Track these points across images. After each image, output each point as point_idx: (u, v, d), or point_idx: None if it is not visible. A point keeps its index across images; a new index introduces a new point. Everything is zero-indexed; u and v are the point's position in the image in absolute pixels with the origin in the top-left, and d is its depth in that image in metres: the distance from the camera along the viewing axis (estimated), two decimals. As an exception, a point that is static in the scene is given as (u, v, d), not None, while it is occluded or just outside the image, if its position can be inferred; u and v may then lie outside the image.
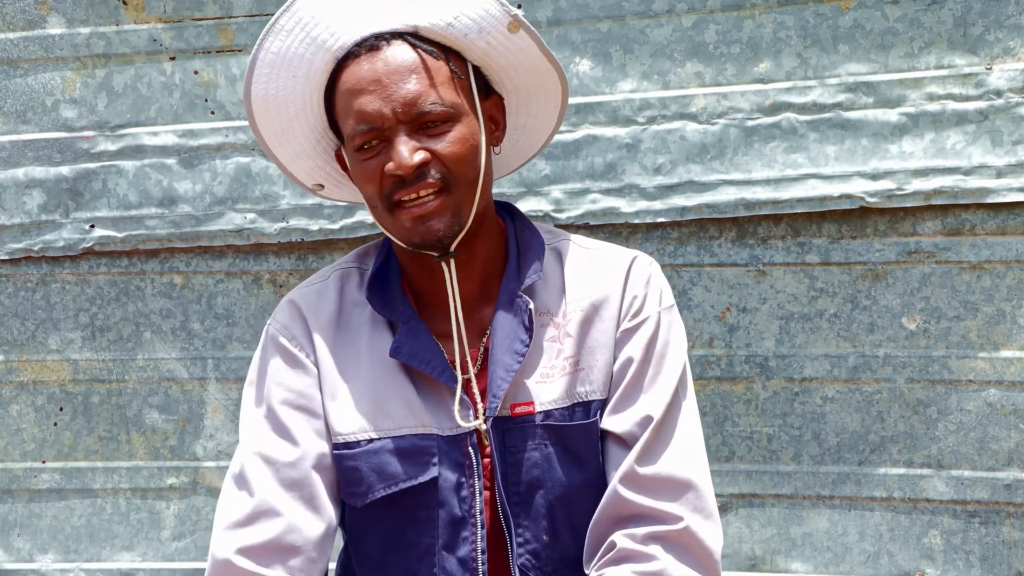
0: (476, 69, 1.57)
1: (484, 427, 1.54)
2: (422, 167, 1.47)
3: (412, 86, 1.46)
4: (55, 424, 2.51)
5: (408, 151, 1.45)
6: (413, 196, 1.48)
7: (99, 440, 2.50)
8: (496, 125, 1.61)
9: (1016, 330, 2.19)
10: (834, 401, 2.27)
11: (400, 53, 1.48)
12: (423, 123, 1.47)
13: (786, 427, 2.29)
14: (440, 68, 1.49)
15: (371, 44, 1.49)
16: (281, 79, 1.54)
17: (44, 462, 2.51)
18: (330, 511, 1.55)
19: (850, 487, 2.27)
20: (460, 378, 1.54)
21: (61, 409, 2.50)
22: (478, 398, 1.56)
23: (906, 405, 2.25)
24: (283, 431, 1.56)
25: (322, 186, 1.72)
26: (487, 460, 1.56)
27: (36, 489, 2.52)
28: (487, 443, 1.55)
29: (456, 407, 1.53)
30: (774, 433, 2.30)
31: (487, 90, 1.60)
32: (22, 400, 2.51)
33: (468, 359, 1.57)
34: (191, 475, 2.47)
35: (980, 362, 2.21)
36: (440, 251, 1.52)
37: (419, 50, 1.49)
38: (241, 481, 1.55)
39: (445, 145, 1.48)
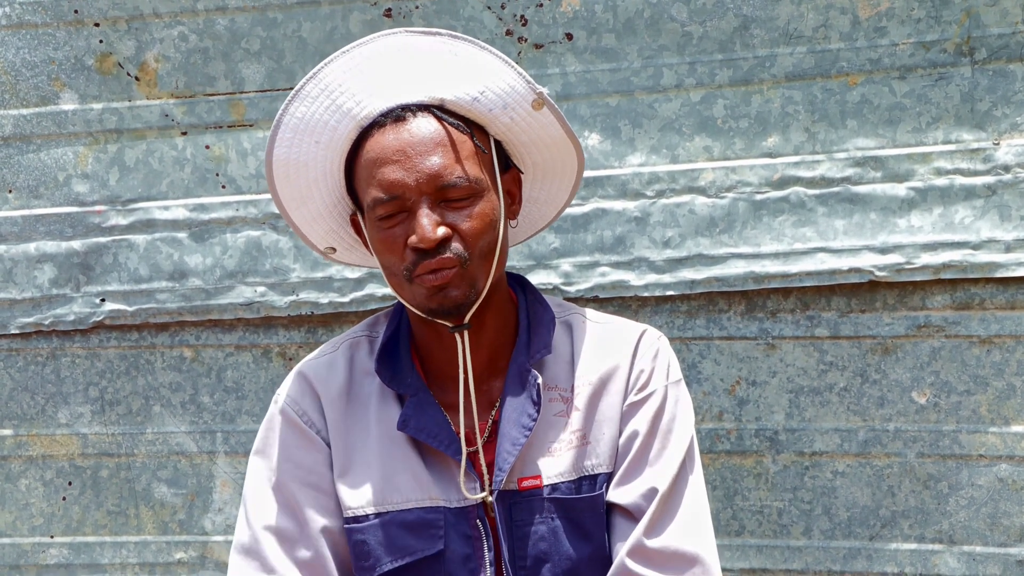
0: (497, 143, 1.58)
1: (490, 499, 1.54)
2: (443, 242, 1.47)
3: (437, 159, 1.47)
4: (64, 498, 2.49)
5: (431, 225, 1.46)
6: (433, 268, 1.49)
7: (108, 515, 2.49)
8: (513, 199, 1.62)
9: (1026, 405, 2.19)
10: (845, 475, 2.26)
11: (426, 125, 1.49)
12: (445, 197, 1.48)
13: (796, 501, 2.28)
14: (465, 142, 1.50)
15: (397, 115, 1.49)
16: (304, 144, 1.55)
17: (52, 537, 2.50)
18: None
19: (861, 562, 2.26)
20: (465, 451, 1.54)
21: (70, 483, 2.49)
22: (485, 471, 1.56)
23: (917, 480, 2.24)
24: (294, 507, 1.56)
25: (334, 249, 1.72)
26: (495, 533, 1.56)
27: (44, 564, 2.50)
28: (494, 515, 1.55)
29: (461, 479, 1.53)
30: (784, 507, 2.28)
31: (506, 164, 1.61)
32: (31, 474, 2.50)
33: (476, 431, 1.57)
34: (199, 549, 2.46)
35: (991, 437, 2.20)
36: (454, 320, 1.53)
37: (445, 123, 1.49)
38: (254, 555, 1.55)
39: (466, 221, 1.48)
